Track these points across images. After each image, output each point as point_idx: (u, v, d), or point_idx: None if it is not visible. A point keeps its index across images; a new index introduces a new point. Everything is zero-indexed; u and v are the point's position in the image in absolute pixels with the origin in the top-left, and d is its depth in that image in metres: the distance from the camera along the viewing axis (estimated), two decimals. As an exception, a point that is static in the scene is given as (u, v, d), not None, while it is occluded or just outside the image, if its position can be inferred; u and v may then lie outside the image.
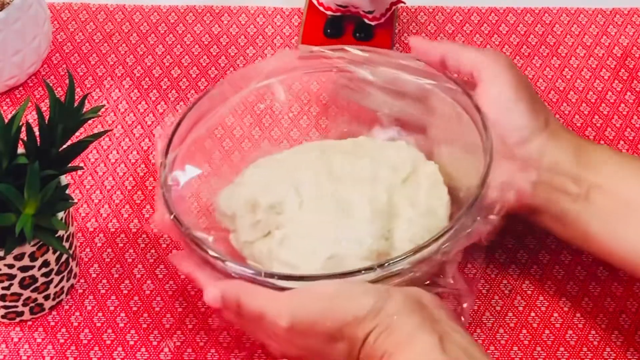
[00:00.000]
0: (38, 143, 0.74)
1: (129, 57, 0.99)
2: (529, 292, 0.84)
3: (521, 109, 0.78)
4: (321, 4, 0.98)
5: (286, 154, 0.85)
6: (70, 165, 0.77)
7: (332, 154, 0.82)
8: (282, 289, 0.71)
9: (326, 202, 0.79)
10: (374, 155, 0.82)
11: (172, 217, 0.75)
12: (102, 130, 0.81)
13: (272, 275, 0.72)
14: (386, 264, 0.71)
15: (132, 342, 0.81)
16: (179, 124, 0.81)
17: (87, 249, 0.86)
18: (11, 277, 0.77)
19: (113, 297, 0.83)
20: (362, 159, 0.81)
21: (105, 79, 0.98)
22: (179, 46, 1.00)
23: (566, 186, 0.77)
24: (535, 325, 0.82)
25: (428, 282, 0.74)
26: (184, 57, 0.99)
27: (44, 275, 0.78)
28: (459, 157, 0.82)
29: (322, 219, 0.78)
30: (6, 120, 0.74)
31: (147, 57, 0.99)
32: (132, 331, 0.81)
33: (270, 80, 0.86)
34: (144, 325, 0.82)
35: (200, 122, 0.83)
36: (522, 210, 0.80)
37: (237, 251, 0.80)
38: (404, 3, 0.99)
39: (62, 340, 0.81)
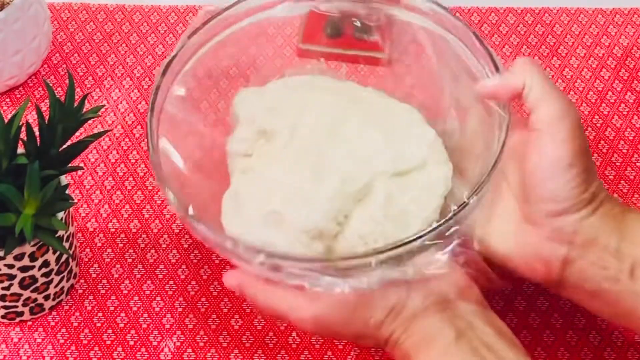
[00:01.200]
0: (38, 143, 0.74)
1: (129, 57, 0.99)
2: (529, 292, 0.84)
3: (571, 178, 0.69)
4: (321, 4, 0.98)
5: (318, 80, 0.82)
6: (70, 165, 0.77)
7: (354, 111, 0.77)
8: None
9: (307, 159, 0.76)
10: (394, 131, 0.77)
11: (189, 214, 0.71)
12: (102, 130, 0.81)
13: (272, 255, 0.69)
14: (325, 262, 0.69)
15: (132, 342, 0.81)
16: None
17: (87, 249, 0.86)
18: (11, 277, 0.77)
19: (113, 297, 0.83)
20: (376, 132, 0.76)
21: (105, 79, 0.97)
22: (179, 46, 1.00)
23: (605, 262, 0.69)
24: (535, 325, 0.82)
25: None
26: (184, 57, 0.99)
27: (44, 275, 0.78)
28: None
29: (291, 171, 0.75)
30: (6, 120, 0.74)
31: (147, 57, 0.99)
32: (132, 331, 0.81)
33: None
34: (144, 325, 0.82)
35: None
36: (549, 285, 0.73)
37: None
38: (404, 3, 0.99)
39: (62, 340, 0.81)
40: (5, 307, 0.80)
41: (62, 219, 0.76)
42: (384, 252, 0.68)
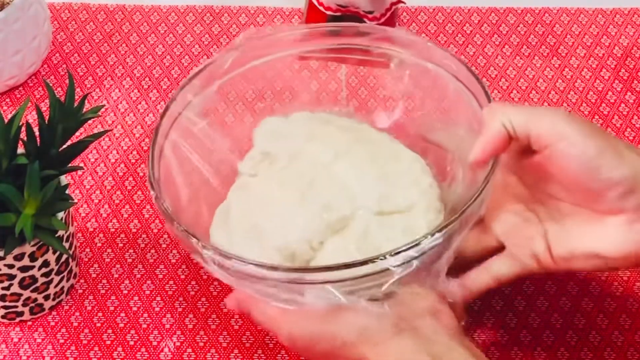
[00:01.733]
0: (38, 143, 0.74)
1: (129, 57, 0.99)
2: (529, 292, 0.84)
3: (608, 161, 0.69)
4: (321, 4, 0.98)
5: (337, 118, 0.84)
6: (70, 165, 0.77)
7: (357, 149, 0.79)
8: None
9: (298, 183, 0.77)
10: (390, 173, 0.78)
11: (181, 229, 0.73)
12: (102, 130, 0.81)
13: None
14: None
15: (132, 342, 0.81)
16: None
17: (87, 249, 0.86)
18: (11, 277, 0.77)
19: (113, 297, 0.83)
20: (371, 171, 0.78)
21: (105, 79, 0.98)
22: (179, 46, 1.00)
23: None
24: (535, 325, 0.82)
25: None
26: (184, 57, 0.99)
27: (44, 275, 0.78)
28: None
29: (280, 191, 0.77)
30: (6, 120, 0.74)
31: (147, 57, 0.99)
32: (132, 331, 0.81)
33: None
34: (144, 325, 0.82)
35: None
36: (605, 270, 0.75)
37: None
38: (404, 3, 0.99)
39: (62, 340, 0.81)
40: (5, 307, 0.80)
41: (62, 219, 0.76)
42: (334, 269, 0.69)
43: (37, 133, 0.74)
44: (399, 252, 0.69)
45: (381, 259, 0.68)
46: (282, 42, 0.85)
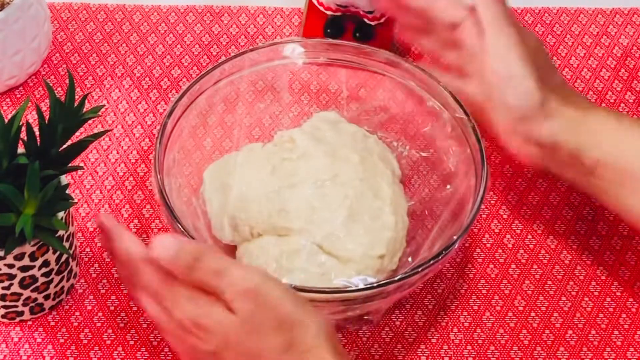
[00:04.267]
0: (38, 143, 0.74)
1: (129, 57, 0.99)
2: (529, 292, 0.84)
3: (519, 85, 0.77)
4: (321, 4, 0.98)
5: (369, 139, 0.87)
6: (70, 165, 0.77)
7: (346, 186, 0.81)
8: None
9: (285, 179, 0.82)
10: (358, 219, 0.80)
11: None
12: (102, 130, 0.81)
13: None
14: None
15: (132, 342, 0.81)
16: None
17: (87, 249, 0.86)
18: (11, 277, 0.77)
19: (113, 297, 0.83)
20: (342, 212, 0.80)
21: (105, 79, 0.98)
22: (179, 46, 1.00)
23: (570, 161, 0.77)
24: (535, 325, 0.82)
25: None
26: (184, 57, 1.00)
27: (44, 275, 0.78)
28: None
29: (269, 176, 0.82)
30: (6, 120, 0.74)
31: (147, 57, 0.99)
32: (132, 331, 0.81)
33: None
34: (144, 325, 0.82)
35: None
36: (544, 173, 0.83)
37: None
38: (404, 3, 0.99)
39: (62, 340, 0.81)
40: (5, 307, 0.80)
41: (62, 218, 0.76)
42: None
43: (37, 133, 0.74)
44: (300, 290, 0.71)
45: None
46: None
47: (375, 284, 0.73)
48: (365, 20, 0.98)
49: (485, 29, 0.79)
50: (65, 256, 0.79)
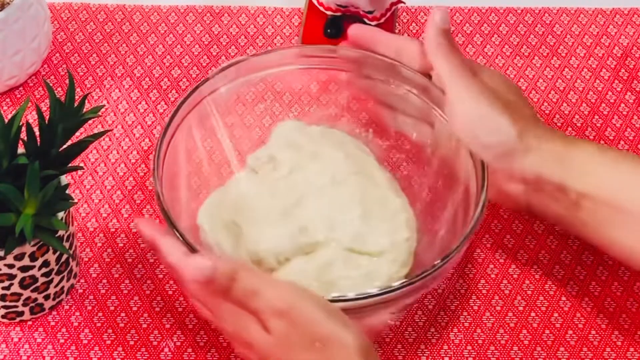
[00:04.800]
0: (38, 143, 0.74)
1: (129, 57, 0.99)
2: (529, 292, 0.84)
3: (489, 123, 0.76)
4: (321, 4, 0.98)
5: (348, 142, 0.86)
6: (70, 165, 0.77)
7: (353, 182, 0.82)
8: None
9: (287, 196, 0.81)
10: (373, 216, 0.80)
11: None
12: (102, 130, 0.81)
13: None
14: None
15: (132, 342, 0.81)
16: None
17: (87, 249, 0.86)
18: (11, 277, 0.77)
19: (113, 297, 0.83)
20: (358, 208, 0.80)
21: (105, 79, 0.98)
22: (179, 46, 1.00)
23: (555, 194, 0.76)
24: (535, 325, 0.82)
25: None
26: (184, 57, 1.00)
27: (44, 275, 0.78)
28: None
29: (269, 199, 0.81)
30: (6, 120, 0.74)
31: (147, 57, 0.99)
32: (132, 331, 0.81)
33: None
34: (144, 325, 0.82)
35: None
36: (522, 213, 0.82)
37: None
38: (404, 3, 0.99)
39: (62, 340, 0.81)
40: (5, 307, 0.80)
41: (62, 218, 0.76)
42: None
43: (37, 133, 0.74)
44: (335, 301, 0.71)
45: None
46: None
47: (415, 279, 0.73)
48: (365, 20, 0.98)
49: (445, 82, 0.78)
50: (65, 256, 0.79)
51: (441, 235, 0.81)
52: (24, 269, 0.76)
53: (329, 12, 0.99)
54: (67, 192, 0.76)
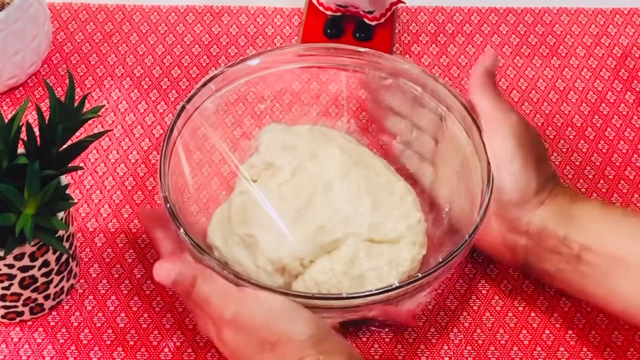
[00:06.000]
0: (38, 143, 0.74)
1: (129, 57, 0.99)
2: (529, 293, 0.84)
3: (514, 171, 0.78)
4: (321, 4, 0.98)
5: (339, 137, 0.86)
6: (70, 165, 0.77)
7: (356, 173, 0.82)
8: (237, 283, 0.73)
9: (296, 199, 0.81)
10: (383, 203, 0.81)
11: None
12: (102, 130, 0.81)
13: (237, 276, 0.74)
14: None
15: (132, 342, 0.81)
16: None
17: (87, 249, 0.86)
18: (11, 277, 0.77)
19: (113, 297, 0.83)
20: (366, 197, 0.81)
21: (105, 79, 0.98)
22: (179, 46, 1.00)
23: (558, 248, 0.77)
24: (535, 325, 0.82)
25: None
26: (184, 57, 1.00)
27: (44, 275, 0.78)
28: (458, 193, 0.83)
29: (279, 205, 0.80)
30: (6, 120, 0.74)
31: (147, 57, 0.99)
32: (132, 331, 0.81)
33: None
34: (144, 325, 0.82)
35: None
36: (516, 268, 0.83)
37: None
38: (404, 3, 0.99)
39: (62, 340, 0.81)
40: (5, 307, 0.80)
41: (62, 219, 0.76)
42: (312, 298, 0.74)
43: (37, 133, 0.74)
44: (370, 295, 0.73)
45: (353, 297, 0.73)
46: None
47: (426, 272, 0.74)
48: (365, 20, 0.98)
49: (486, 117, 0.80)
50: (65, 256, 0.79)
51: (446, 211, 0.82)
52: (23, 269, 0.76)
53: (329, 12, 0.99)
54: (67, 192, 0.76)
